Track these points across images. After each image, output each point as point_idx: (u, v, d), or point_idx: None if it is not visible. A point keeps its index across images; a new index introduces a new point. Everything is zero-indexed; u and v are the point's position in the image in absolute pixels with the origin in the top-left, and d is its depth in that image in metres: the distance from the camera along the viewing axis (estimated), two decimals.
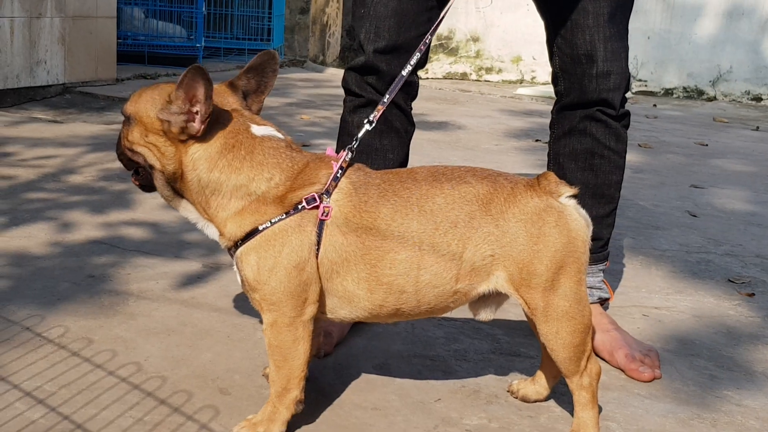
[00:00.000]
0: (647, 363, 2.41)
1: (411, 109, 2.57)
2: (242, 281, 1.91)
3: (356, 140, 2.02)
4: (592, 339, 2.37)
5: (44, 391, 2.06)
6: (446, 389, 2.24)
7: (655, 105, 9.16)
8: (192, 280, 2.86)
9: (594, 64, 2.41)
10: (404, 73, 2.15)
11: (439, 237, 1.88)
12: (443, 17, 2.26)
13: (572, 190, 1.95)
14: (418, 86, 2.56)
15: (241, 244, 1.88)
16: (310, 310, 1.90)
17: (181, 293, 2.73)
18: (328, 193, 1.87)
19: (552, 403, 2.21)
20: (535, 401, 2.21)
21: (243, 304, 2.66)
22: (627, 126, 2.55)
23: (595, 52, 2.40)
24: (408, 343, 2.51)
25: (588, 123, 2.49)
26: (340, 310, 1.95)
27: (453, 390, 2.25)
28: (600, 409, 2.11)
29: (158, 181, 1.93)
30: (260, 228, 1.85)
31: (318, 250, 1.86)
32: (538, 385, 2.22)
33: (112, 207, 3.61)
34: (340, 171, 1.90)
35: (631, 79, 10.03)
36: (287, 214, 1.85)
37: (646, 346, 2.50)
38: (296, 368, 1.92)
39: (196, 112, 1.83)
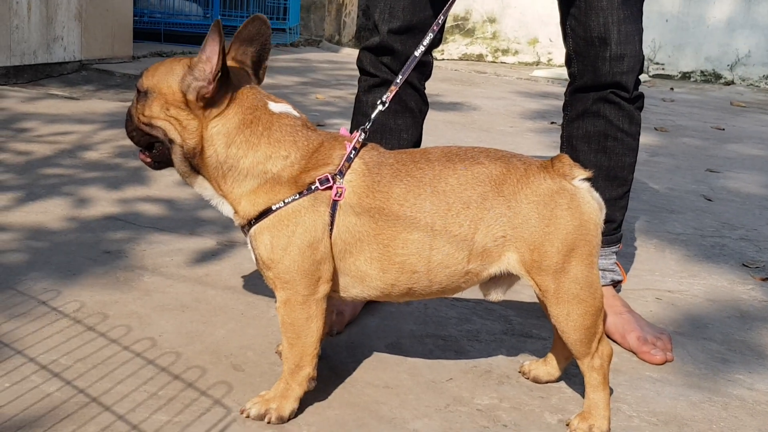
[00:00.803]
0: (659, 346, 2.41)
1: (425, 88, 2.57)
2: (256, 259, 1.92)
3: (370, 121, 2.02)
4: (604, 321, 2.38)
5: (60, 364, 2.08)
6: (458, 369, 2.25)
7: (672, 88, 9.12)
8: (206, 257, 2.87)
9: (607, 47, 2.40)
10: (417, 53, 2.15)
11: (452, 217, 1.88)
12: None
13: (586, 173, 1.95)
14: (432, 66, 2.56)
15: (254, 223, 1.89)
16: (324, 288, 1.91)
17: (195, 270, 2.75)
18: (342, 173, 1.88)
19: (563, 384, 2.22)
20: (547, 382, 2.22)
21: (257, 281, 2.67)
22: (641, 108, 2.55)
23: (608, 35, 2.39)
24: (420, 323, 2.52)
25: (601, 105, 2.48)
26: (352, 289, 1.96)
27: (464, 370, 2.26)
28: (611, 391, 2.12)
29: (176, 156, 1.93)
30: (274, 208, 1.86)
31: (331, 230, 1.87)
32: (549, 366, 2.22)
33: (128, 183, 3.63)
34: (353, 152, 1.91)
35: (649, 62, 9.98)
36: (300, 194, 1.86)
37: (659, 329, 2.50)
38: (309, 346, 1.93)
39: (209, 72, 1.84)
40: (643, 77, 9.70)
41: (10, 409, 1.87)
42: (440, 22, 2.20)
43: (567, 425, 2.00)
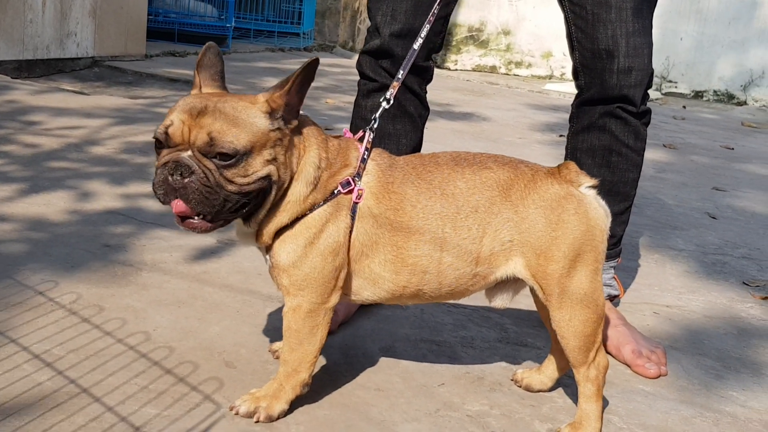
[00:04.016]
0: (654, 359, 2.40)
1: (425, 93, 2.57)
2: (272, 266, 1.90)
3: (375, 120, 2.03)
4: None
5: (52, 354, 2.08)
6: (450, 374, 2.25)
7: (684, 107, 9.10)
8: (205, 254, 2.88)
9: (615, 60, 2.40)
10: (416, 46, 2.15)
11: (461, 221, 1.90)
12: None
13: (592, 181, 1.96)
14: (432, 72, 2.56)
15: (279, 234, 1.87)
16: (335, 298, 1.91)
17: (193, 267, 2.76)
18: (359, 175, 1.88)
19: (555, 394, 2.21)
20: (539, 391, 2.21)
21: (254, 280, 2.68)
22: (647, 124, 2.54)
23: (616, 48, 2.38)
24: (416, 327, 2.52)
25: (607, 119, 2.47)
26: (364, 292, 1.96)
27: (457, 376, 2.25)
28: (606, 403, 2.12)
29: (269, 199, 1.82)
30: (304, 216, 1.85)
31: (351, 233, 1.88)
32: (543, 375, 2.22)
33: (133, 179, 3.64)
34: (366, 152, 1.91)
35: (662, 80, 9.96)
36: (325, 201, 1.86)
37: (654, 342, 2.49)
38: (310, 353, 1.93)
39: (287, 104, 1.80)
40: (655, 95, 9.69)
41: (0, 397, 1.87)
42: (431, 20, 2.20)
43: None
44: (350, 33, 11.12)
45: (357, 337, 2.41)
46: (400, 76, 2.11)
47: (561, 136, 5.85)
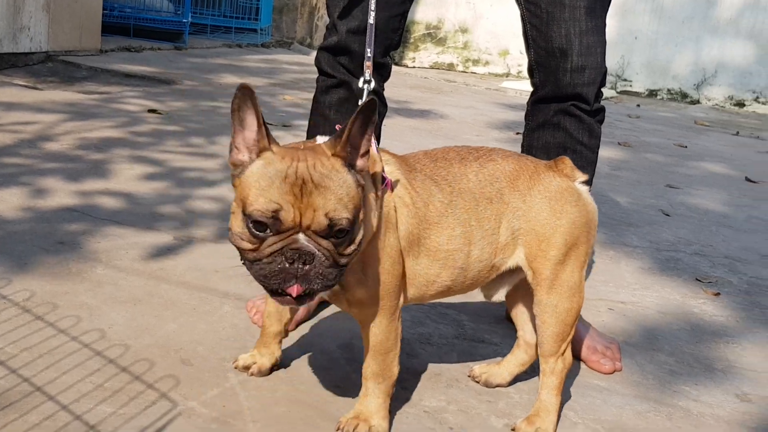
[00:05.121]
0: (608, 355, 2.43)
1: (383, 90, 2.57)
2: (339, 288, 1.80)
3: (363, 98, 2.01)
4: None
5: (5, 353, 2.05)
6: (408, 371, 2.26)
7: (638, 105, 9.20)
8: (162, 251, 2.86)
9: (568, 59, 2.42)
10: (371, 21, 2.14)
11: (481, 212, 1.95)
12: None
13: (584, 177, 2.08)
14: (390, 68, 2.56)
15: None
16: (402, 295, 1.91)
17: (150, 264, 2.73)
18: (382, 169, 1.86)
19: (512, 389, 2.23)
20: (497, 386, 2.23)
21: (211, 277, 2.66)
22: (602, 121, 2.57)
23: (569, 46, 2.41)
24: None
25: (562, 117, 2.50)
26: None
27: (415, 372, 2.26)
28: (570, 396, 2.15)
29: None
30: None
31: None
32: (504, 369, 2.24)
33: (88, 176, 3.60)
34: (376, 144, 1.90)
35: (617, 78, 10.06)
36: (379, 207, 1.81)
37: (609, 338, 2.52)
38: (396, 353, 1.92)
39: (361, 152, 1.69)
40: (610, 93, 9.78)
41: None
42: (372, 9, 2.19)
43: (512, 429, 2.02)
44: (308, 29, 11.08)
45: (315, 335, 2.40)
46: (369, 54, 2.11)
47: (518, 133, 5.88)
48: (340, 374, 2.19)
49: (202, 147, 4.40)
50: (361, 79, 2.09)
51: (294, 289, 1.60)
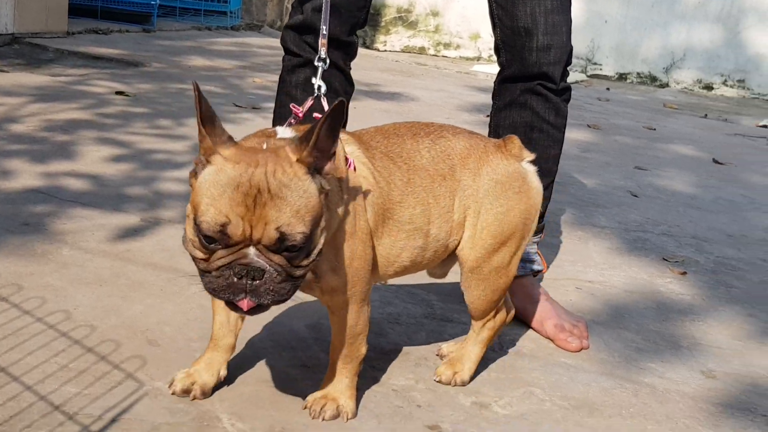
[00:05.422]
0: (575, 333, 2.45)
1: (350, 69, 2.55)
2: (313, 278, 1.77)
3: (320, 87, 1.98)
4: (522, 308, 2.45)
5: None
6: (376, 351, 2.26)
7: (608, 89, 9.24)
8: (129, 233, 2.83)
9: (534, 38, 2.42)
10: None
11: (436, 189, 1.93)
12: None
13: (532, 156, 2.06)
14: (356, 47, 2.54)
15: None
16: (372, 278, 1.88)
17: (116, 245, 2.71)
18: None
19: (480, 367, 2.23)
20: None
21: (179, 258, 2.64)
22: (568, 100, 2.57)
23: (534, 26, 2.41)
24: None
25: (528, 96, 2.50)
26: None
27: (383, 351, 2.26)
28: (537, 374, 2.16)
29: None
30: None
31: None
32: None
33: (54, 157, 3.56)
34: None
35: (586, 62, 10.09)
36: (344, 192, 1.76)
37: (576, 317, 2.54)
38: (365, 335, 1.91)
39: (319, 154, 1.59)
40: (580, 77, 9.82)
41: None
42: None
43: (435, 371, 2.13)
44: (278, 12, 11.01)
45: (283, 315, 2.40)
46: (324, 32, 2.09)
47: (488, 116, 5.87)
48: (309, 354, 2.19)
49: (170, 129, 4.37)
50: (316, 58, 2.06)
51: (244, 303, 1.55)
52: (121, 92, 5.10)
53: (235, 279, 1.53)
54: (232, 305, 1.58)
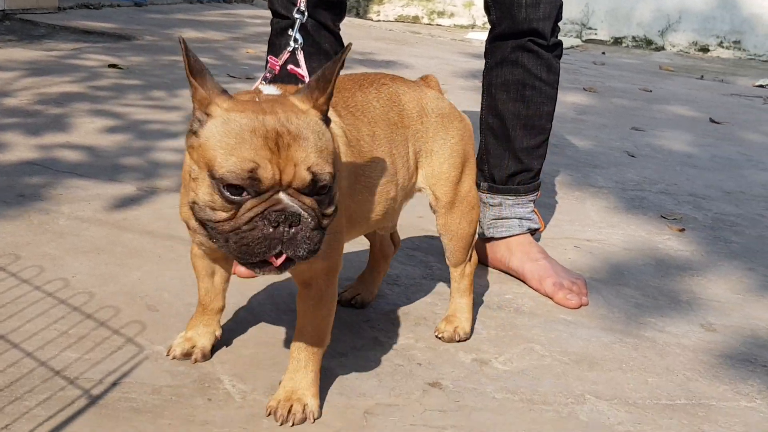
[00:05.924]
0: (575, 290, 2.45)
1: (339, 30, 2.53)
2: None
3: (297, 40, 1.88)
4: (519, 267, 2.45)
5: None
6: (376, 312, 2.26)
7: (603, 53, 9.20)
8: (125, 202, 2.82)
9: None
10: None
11: (395, 138, 1.92)
12: None
13: (445, 92, 2.14)
14: (345, 7, 2.52)
15: None
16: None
17: (113, 215, 2.70)
18: None
19: (479, 325, 2.24)
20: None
21: (176, 225, 2.63)
22: (559, 56, 2.56)
23: None
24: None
25: (519, 53, 2.49)
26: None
27: (383, 312, 2.26)
28: (537, 331, 2.16)
29: None
30: None
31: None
32: (374, 288, 2.32)
33: (48, 129, 3.54)
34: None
35: (581, 27, 10.05)
36: None
37: (575, 274, 2.53)
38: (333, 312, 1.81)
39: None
40: (575, 42, 9.77)
41: None
42: None
43: (435, 330, 2.15)
44: None
45: (281, 277, 2.39)
46: None
47: None
48: None
49: (164, 100, 4.34)
50: (295, 10, 1.97)
51: (280, 259, 1.45)
52: (114, 65, 5.07)
53: (271, 228, 1.41)
54: (261, 265, 1.46)
